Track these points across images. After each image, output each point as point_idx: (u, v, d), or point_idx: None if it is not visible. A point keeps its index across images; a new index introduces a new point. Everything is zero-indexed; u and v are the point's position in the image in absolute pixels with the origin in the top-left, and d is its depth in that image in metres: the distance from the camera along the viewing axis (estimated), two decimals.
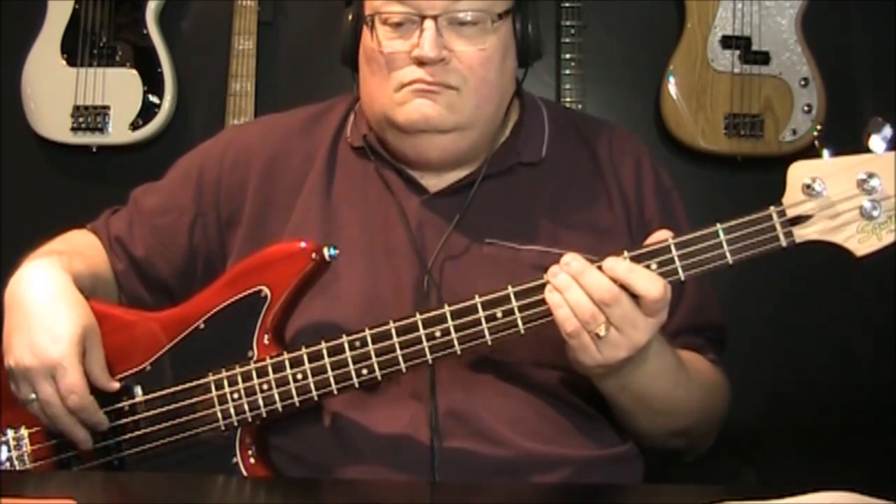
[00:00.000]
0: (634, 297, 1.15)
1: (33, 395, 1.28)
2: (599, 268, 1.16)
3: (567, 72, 2.49)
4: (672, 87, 2.48)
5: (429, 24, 1.29)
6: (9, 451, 1.35)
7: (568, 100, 2.48)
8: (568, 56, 2.49)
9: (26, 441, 1.35)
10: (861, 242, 1.15)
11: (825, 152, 1.16)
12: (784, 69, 2.45)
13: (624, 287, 1.15)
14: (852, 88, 2.54)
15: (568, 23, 2.49)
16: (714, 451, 1.46)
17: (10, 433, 1.35)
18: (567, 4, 2.49)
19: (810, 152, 1.17)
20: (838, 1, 2.54)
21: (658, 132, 2.54)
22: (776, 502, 0.98)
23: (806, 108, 2.43)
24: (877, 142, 1.14)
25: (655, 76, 2.50)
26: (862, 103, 2.54)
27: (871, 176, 1.13)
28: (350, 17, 1.39)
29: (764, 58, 2.45)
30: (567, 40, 2.49)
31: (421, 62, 1.30)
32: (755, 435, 2.41)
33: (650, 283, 1.14)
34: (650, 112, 2.55)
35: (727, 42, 2.46)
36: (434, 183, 1.40)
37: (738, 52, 2.46)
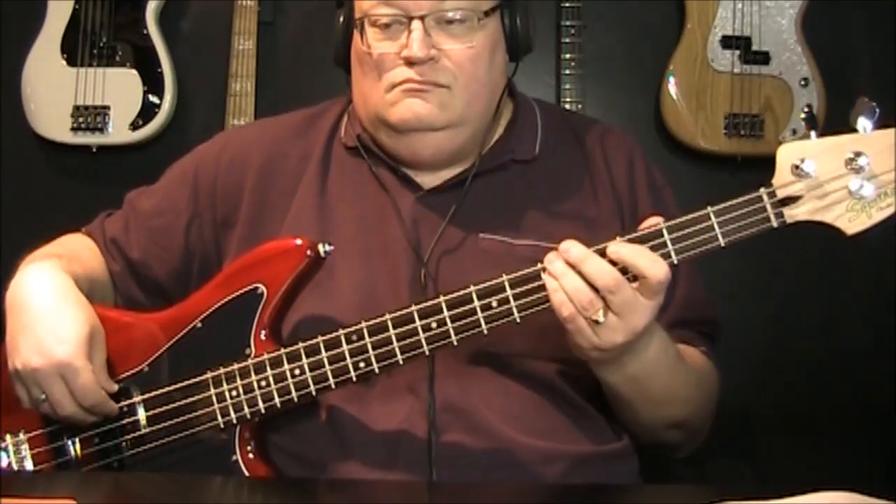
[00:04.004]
0: (632, 280, 1.16)
1: (43, 396, 1.28)
2: (599, 252, 1.17)
3: (567, 72, 2.49)
4: (672, 87, 2.48)
5: (416, 24, 1.30)
6: (8, 456, 1.35)
7: (568, 100, 2.48)
8: (568, 56, 2.49)
9: (26, 445, 1.35)
10: (851, 221, 1.15)
11: (812, 133, 1.16)
12: (784, 69, 2.45)
13: (626, 270, 1.16)
14: (852, 88, 2.54)
15: (568, 23, 2.49)
16: (714, 450, 1.46)
17: (9, 439, 1.35)
18: (567, 4, 2.49)
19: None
20: (838, 1, 2.54)
21: (658, 132, 2.54)
22: (776, 502, 0.98)
23: (806, 108, 2.42)
24: (863, 121, 1.14)
25: (655, 76, 2.50)
26: None
27: (858, 155, 1.14)
28: (341, 19, 1.40)
29: (764, 58, 2.45)
30: (567, 40, 2.49)
31: (410, 62, 1.31)
32: (755, 435, 2.42)
33: (655, 265, 1.15)
34: (650, 112, 2.55)
35: (727, 42, 2.46)
36: (428, 180, 1.41)
37: (738, 52, 2.46)
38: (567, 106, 2.46)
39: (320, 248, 1.28)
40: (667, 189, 1.47)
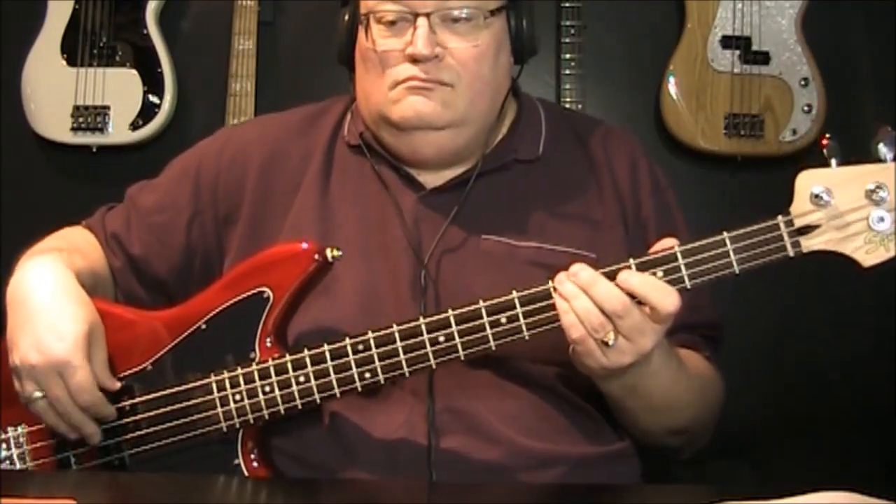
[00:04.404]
0: (641, 303, 1.16)
1: (39, 394, 1.28)
2: (608, 275, 1.16)
3: (567, 72, 2.49)
4: (672, 87, 2.48)
5: (422, 21, 1.30)
6: (8, 449, 1.35)
7: (568, 100, 2.47)
8: (568, 56, 2.49)
9: (26, 439, 1.35)
10: (868, 253, 1.14)
11: (833, 161, 1.15)
12: (784, 69, 2.44)
13: (634, 296, 1.15)
14: (852, 88, 2.54)
15: (568, 23, 2.49)
16: (714, 451, 1.46)
17: (11, 431, 1.35)
18: (567, 4, 2.49)
19: (811, 153, 1.17)
20: (838, 1, 2.54)
21: (658, 132, 2.54)
22: (776, 502, 0.98)
23: (806, 108, 2.42)
24: (885, 151, 1.13)
25: (655, 76, 2.50)
26: (862, 103, 2.54)
27: (879, 186, 1.13)
28: (346, 17, 1.40)
29: (764, 58, 2.45)
30: (567, 40, 2.49)
31: (414, 59, 1.31)
32: (755, 435, 2.41)
33: (666, 297, 1.15)
34: (650, 112, 2.55)
35: (727, 42, 2.46)
36: (431, 180, 1.41)
37: (738, 52, 2.45)
38: (567, 106, 2.45)
39: (328, 252, 1.27)
40: (669, 190, 1.47)
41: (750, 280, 2.48)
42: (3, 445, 1.35)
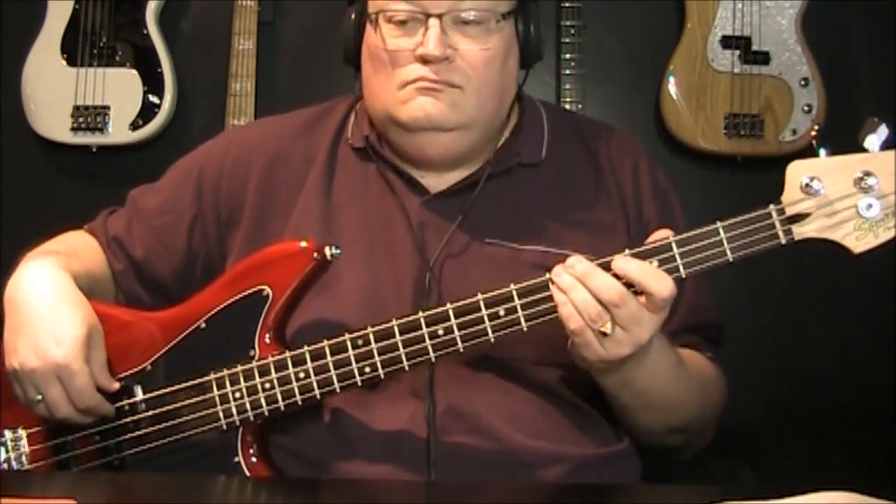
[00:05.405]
0: (638, 293, 1.16)
1: (39, 397, 1.28)
2: (604, 266, 1.17)
3: (567, 72, 2.49)
4: (672, 87, 2.48)
5: (433, 22, 1.30)
6: (7, 451, 1.35)
7: (568, 100, 2.48)
8: (568, 56, 2.49)
9: (24, 442, 1.35)
10: (858, 240, 1.16)
11: (822, 151, 1.17)
12: (784, 69, 2.45)
13: (631, 285, 1.16)
14: (852, 88, 2.54)
15: (568, 23, 2.49)
16: (714, 451, 1.46)
17: (8, 434, 1.35)
18: (567, 4, 2.49)
19: (810, 152, 1.18)
20: (838, 1, 2.54)
21: (658, 132, 2.54)
22: (776, 502, 0.98)
23: (806, 108, 2.43)
24: (873, 141, 1.16)
25: (655, 76, 2.50)
26: (862, 103, 2.55)
27: (867, 174, 1.15)
28: (352, 16, 1.39)
29: (764, 58, 2.46)
30: (567, 40, 2.49)
31: (425, 60, 1.30)
32: (755, 435, 2.41)
33: (661, 283, 1.15)
34: (650, 112, 2.55)
35: (727, 42, 2.47)
36: (434, 183, 1.41)
37: (738, 52, 2.46)
38: (567, 106, 2.46)
39: (327, 251, 1.28)
40: (671, 192, 1.47)
41: (751, 279, 2.49)
42: (2, 448, 1.35)
